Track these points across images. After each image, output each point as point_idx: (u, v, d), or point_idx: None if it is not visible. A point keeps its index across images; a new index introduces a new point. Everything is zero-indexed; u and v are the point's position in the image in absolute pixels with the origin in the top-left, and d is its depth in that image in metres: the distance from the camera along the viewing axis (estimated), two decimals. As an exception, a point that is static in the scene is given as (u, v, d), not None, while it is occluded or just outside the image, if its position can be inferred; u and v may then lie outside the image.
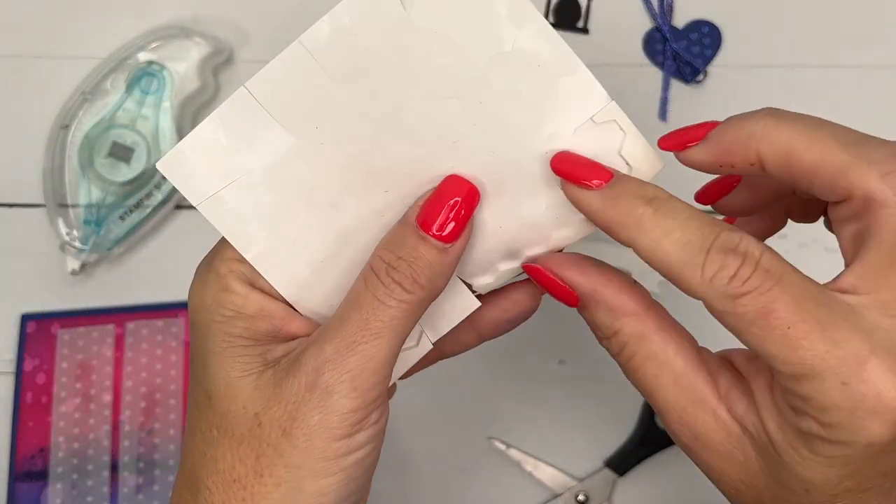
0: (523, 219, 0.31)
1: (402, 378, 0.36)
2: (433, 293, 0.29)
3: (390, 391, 0.36)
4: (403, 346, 0.31)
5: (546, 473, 0.49)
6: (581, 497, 0.48)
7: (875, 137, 0.27)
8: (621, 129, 0.31)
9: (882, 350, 0.24)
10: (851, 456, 0.25)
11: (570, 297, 0.31)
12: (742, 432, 0.28)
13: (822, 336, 0.24)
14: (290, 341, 0.30)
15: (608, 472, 0.49)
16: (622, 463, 0.49)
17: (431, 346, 0.32)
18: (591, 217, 0.29)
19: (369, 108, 0.30)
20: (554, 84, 0.30)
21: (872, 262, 0.26)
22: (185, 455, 0.30)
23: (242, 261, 0.31)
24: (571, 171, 0.30)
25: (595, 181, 0.29)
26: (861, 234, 0.26)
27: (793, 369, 0.25)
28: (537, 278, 0.31)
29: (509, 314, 0.34)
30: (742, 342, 0.26)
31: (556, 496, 0.49)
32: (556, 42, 0.30)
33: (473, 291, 0.32)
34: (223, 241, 0.31)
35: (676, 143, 0.30)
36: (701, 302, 0.26)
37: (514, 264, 0.32)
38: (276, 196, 0.30)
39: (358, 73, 0.30)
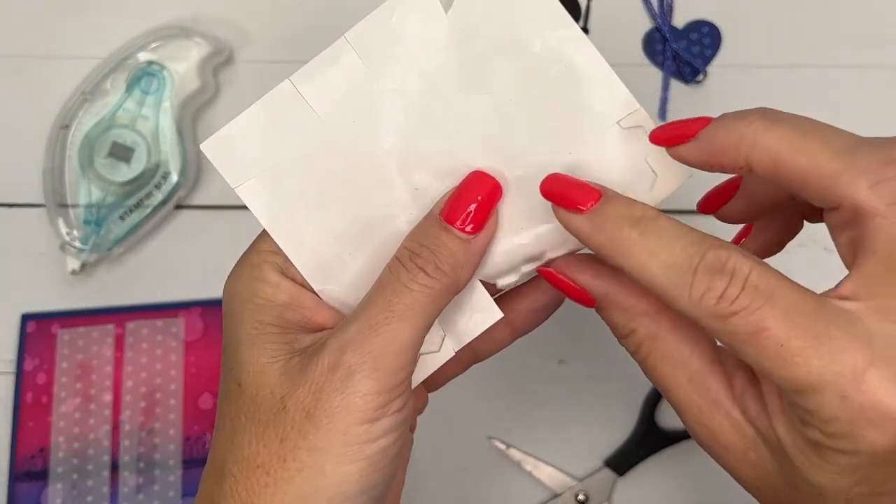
0: (546, 220, 0.31)
1: (436, 388, 0.36)
2: (456, 283, 0.30)
3: (422, 405, 0.37)
4: (425, 350, 0.31)
5: (546, 473, 0.49)
6: (581, 497, 0.48)
7: (868, 142, 0.26)
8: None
9: (881, 360, 0.24)
10: (859, 464, 0.25)
11: (586, 299, 0.31)
12: (756, 434, 0.28)
13: (816, 351, 0.24)
14: (318, 332, 0.30)
15: (608, 472, 0.49)
16: (622, 463, 0.49)
17: (453, 354, 0.32)
18: (581, 241, 0.29)
19: (404, 103, 0.31)
20: (581, 86, 0.31)
21: (869, 270, 0.25)
22: (214, 443, 0.30)
23: (276, 252, 0.31)
24: (559, 193, 0.30)
25: (583, 204, 0.29)
26: (856, 241, 0.26)
27: (790, 385, 0.25)
28: (552, 282, 0.31)
29: (540, 303, 0.34)
30: (740, 358, 0.26)
31: (555, 496, 0.49)
32: (584, 45, 0.31)
33: (497, 291, 0.33)
34: (260, 236, 0.32)
35: (667, 138, 0.30)
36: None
37: (536, 265, 0.32)
38: (311, 185, 0.31)
39: (397, 70, 0.31)
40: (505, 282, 0.32)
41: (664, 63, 0.53)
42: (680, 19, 0.54)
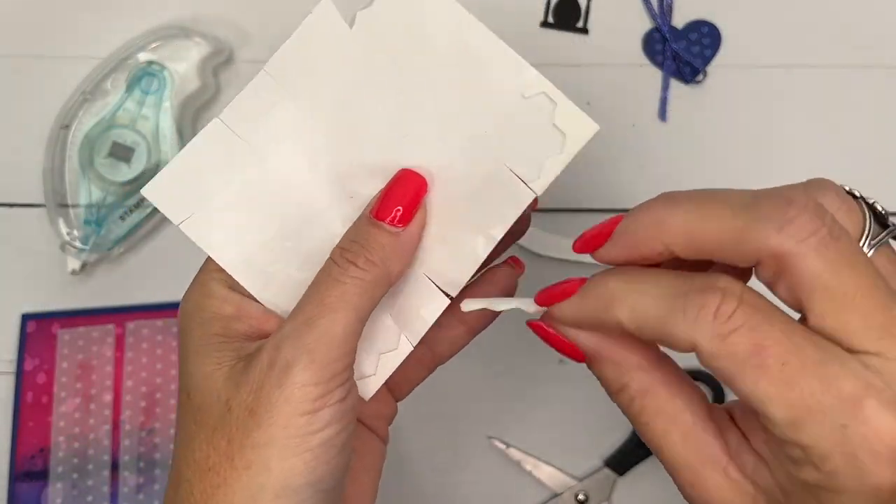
0: (477, 201, 0.33)
1: (404, 396, 0.37)
2: (387, 274, 0.31)
3: (391, 412, 0.37)
4: (383, 349, 0.33)
5: (546, 473, 0.49)
6: (581, 496, 0.48)
7: (765, 192, 0.26)
8: (551, 99, 0.32)
9: (874, 389, 0.23)
10: None
11: (576, 354, 0.30)
12: (755, 490, 0.27)
13: (815, 373, 0.23)
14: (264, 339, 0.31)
15: (608, 472, 0.49)
16: (622, 463, 0.49)
17: (412, 348, 0.33)
18: (576, 323, 0.29)
19: (328, 118, 0.33)
20: (482, 67, 0.32)
21: (819, 311, 0.25)
22: (173, 455, 0.31)
23: (223, 269, 0.33)
24: (551, 297, 0.30)
25: (571, 291, 0.29)
26: (792, 287, 0.25)
27: (789, 413, 0.24)
28: (541, 335, 0.31)
29: (491, 297, 0.35)
30: (735, 390, 0.25)
31: (555, 495, 0.49)
32: (481, 31, 0.33)
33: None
34: (208, 257, 0.33)
35: (587, 246, 0.30)
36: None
37: (482, 244, 0.33)
38: (249, 210, 0.33)
39: (315, 91, 0.33)
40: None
41: (664, 63, 0.53)
42: (679, 19, 0.54)
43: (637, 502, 0.49)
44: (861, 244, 0.27)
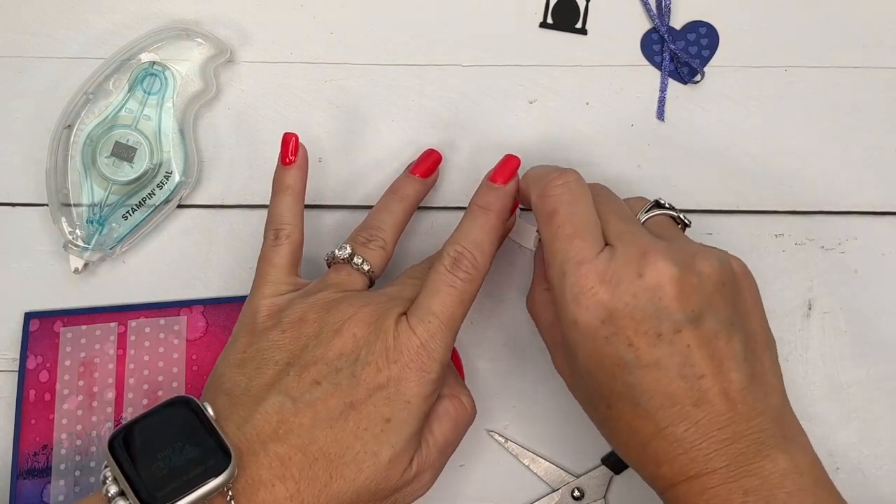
0: None
1: None
2: None
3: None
4: None
5: (543, 468, 0.49)
6: (577, 493, 0.49)
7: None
8: None
9: (598, 260, 0.40)
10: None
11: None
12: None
13: (579, 233, 0.41)
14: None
15: (604, 469, 0.49)
16: (618, 461, 0.49)
17: None
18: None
19: None
20: None
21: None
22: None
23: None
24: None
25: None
26: None
27: (557, 257, 0.42)
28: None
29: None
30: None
31: (552, 490, 0.49)
32: None
33: None
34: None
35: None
36: None
37: None
38: None
39: None
40: None
41: (662, 63, 0.54)
42: (678, 20, 0.54)
43: (632, 500, 0.50)
44: (637, 215, 0.43)
